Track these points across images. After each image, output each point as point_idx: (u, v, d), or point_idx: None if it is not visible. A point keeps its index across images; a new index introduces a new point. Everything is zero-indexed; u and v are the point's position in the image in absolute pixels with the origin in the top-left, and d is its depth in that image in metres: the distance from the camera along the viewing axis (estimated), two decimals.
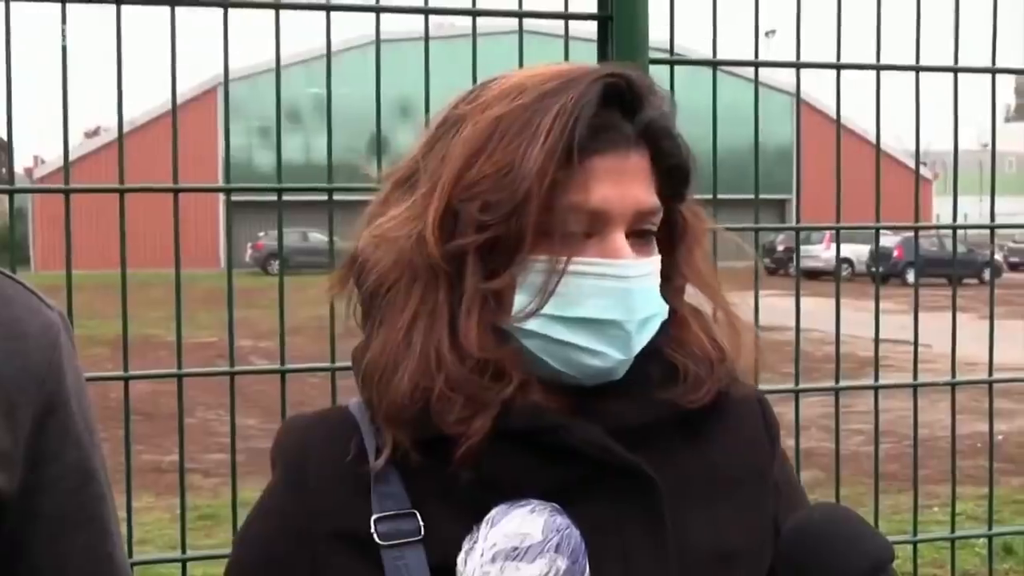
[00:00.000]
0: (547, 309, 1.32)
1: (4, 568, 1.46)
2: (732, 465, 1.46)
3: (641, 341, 1.36)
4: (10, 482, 1.43)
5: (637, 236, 1.36)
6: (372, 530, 1.33)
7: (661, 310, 1.39)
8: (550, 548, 1.28)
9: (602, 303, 1.33)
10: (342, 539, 1.36)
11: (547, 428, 1.34)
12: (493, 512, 1.30)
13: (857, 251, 32.05)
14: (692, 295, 1.49)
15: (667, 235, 1.42)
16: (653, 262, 1.38)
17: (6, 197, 2.72)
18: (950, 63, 3.09)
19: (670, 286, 1.43)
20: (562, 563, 1.28)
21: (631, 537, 1.37)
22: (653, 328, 1.38)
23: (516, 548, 1.27)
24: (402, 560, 1.32)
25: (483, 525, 1.29)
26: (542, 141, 1.29)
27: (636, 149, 1.35)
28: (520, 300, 1.33)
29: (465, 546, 1.29)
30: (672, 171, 1.39)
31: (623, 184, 1.34)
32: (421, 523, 1.34)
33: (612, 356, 1.34)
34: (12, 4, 2.42)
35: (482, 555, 1.27)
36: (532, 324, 1.33)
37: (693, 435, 1.43)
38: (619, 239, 1.33)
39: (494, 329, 1.34)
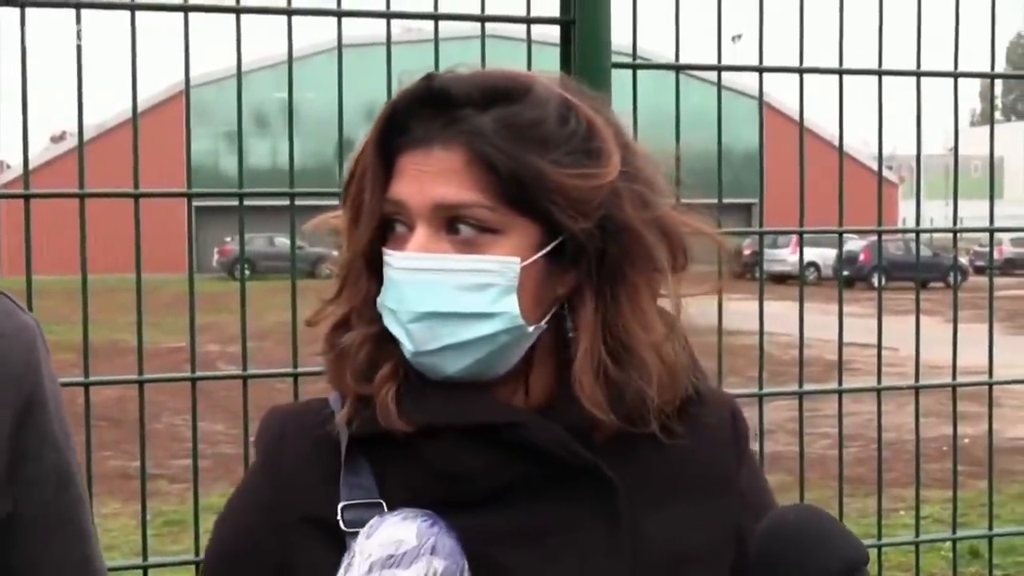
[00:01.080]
0: (381, 297, 1.40)
1: None
2: (694, 469, 1.48)
3: (427, 338, 1.37)
4: None
5: (463, 233, 1.36)
6: (339, 517, 1.37)
7: (462, 307, 1.37)
8: (426, 551, 1.30)
9: (387, 293, 1.38)
10: (311, 525, 1.40)
11: (507, 424, 1.38)
12: (367, 526, 1.33)
13: (824, 255, 32.21)
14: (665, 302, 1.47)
15: (577, 257, 1.39)
16: (458, 259, 1.36)
17: None
18: (914, 67, 3.11)
19: (593, 311, 1.40)
20: (439, 564, 1.30)
21: (588, 536, 1.39)
22: (452, 328, 1.37)
23: (392, 555, 1.29)
24: None
25: (359, 538, 1.32)
26: (370, 140, 1.40)
27: (443, 147, 1.37)
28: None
29: (344, 561, 1.32)
30: (493, 171, 1.36)
31: (421, 180, 1.37)
32: (387, 512, 1.36)
33: (407, 347, 1.37)
34: None
35: (358, 568, 1.29)
36: (383, 314, 1.40)
37: (652, 438, 1.44)
38: (417, 233, 1.37)
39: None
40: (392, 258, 1.37)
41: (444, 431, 1.38)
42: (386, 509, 1.37)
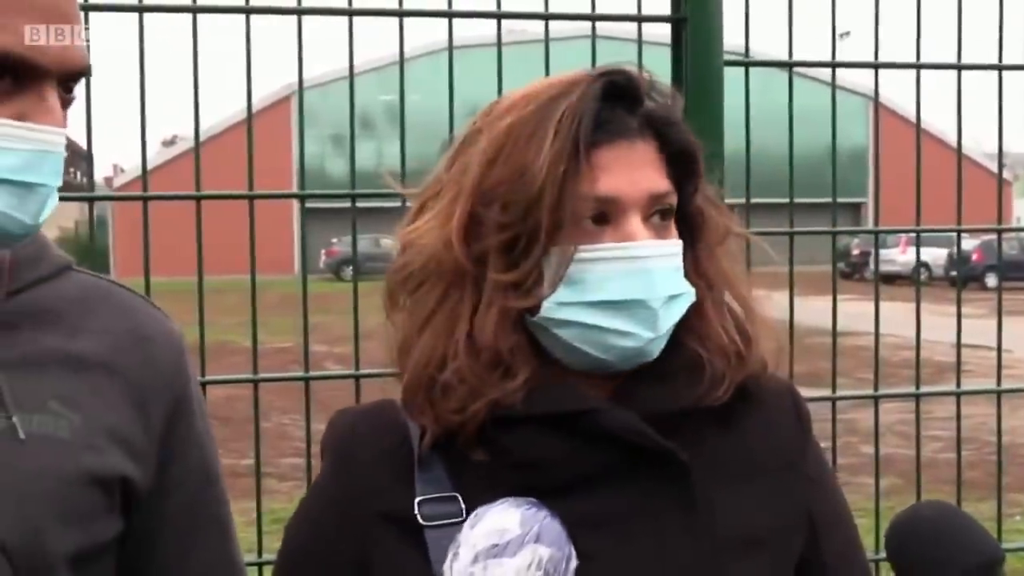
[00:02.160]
0: (573, 296, 1.38)
1: (134, 564, 1.51)
2: (762, 453, 1.50)
3: (670, 319, 1.41)
4: (145, 477, 1.49)
5: (655, 220, 1.42)
6: (416, 512, 1.39)
7: (687, 290, 1.43)
8: (530, 539, 1.30)
9: (624, 285, 1.38)
10: (388, 521, 1.42)
11: (584, 412, 1.40)
12: (473, 515, 1.33)
13: (934, 255, 31.60)
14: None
15: (687, 229, 1.48)
16: (672, 244, 1.43)
17: (87, 205, 2.76)
18: None
19: (692, 279, 1.46)
20: (544, 551, 1.30)
21: (665, 520, 1.40)
22: (681, 307, 1.43)
23: (496, 545, 1.29)
24: (446, 540, 1.36)
25: (464, 528, 1.32)
26: (551, 141, 1.36)
27: (641, 138, 1.41)
28: (544, 288, 1.39)
29: (450, 553, 1.32)
30: (679, 156, 1.44)
31: (632, 171, 1.40)
32: (463, 506, 1.39)
33: (641, 335, 1.39)
34: (91, 14, 2.45)
35: (464, 558, 1.29)
36: (563, 313, 1.39)
37: (723, 423, 1.47)
38: (633, 223, 1.39)
39: (512, 324, 1.40)
40: (626, 250, 1.38)
41: (523, 421, 1.39)
42: (462, 501, 1.39)
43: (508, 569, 1.28)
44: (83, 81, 1.59)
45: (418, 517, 1.39)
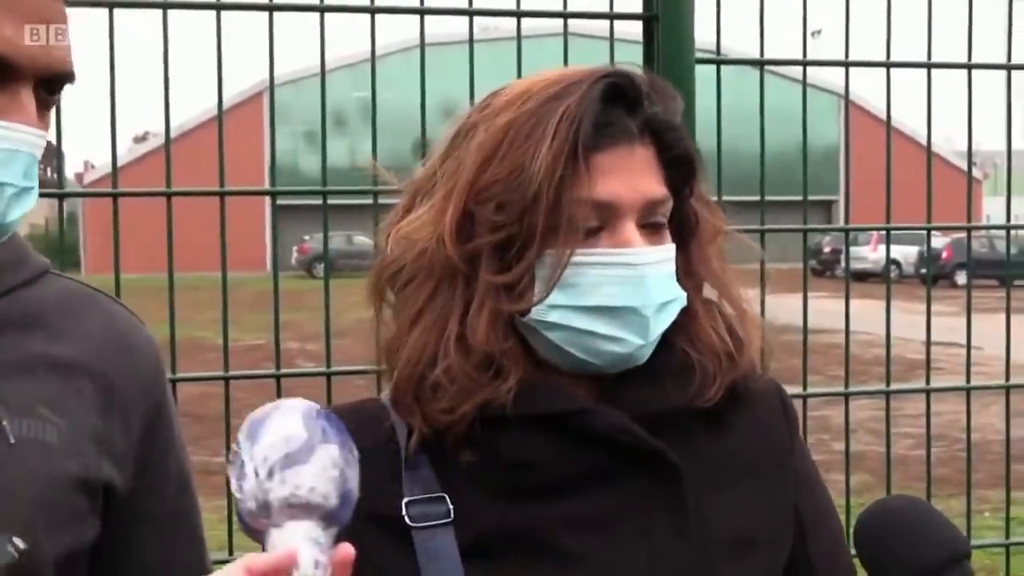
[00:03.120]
0: (565, 300, 1.37)
1: (111, 562, 1.51)
2: (751, 452, 1.50)
3: (660, 325, 1.40)
4: (124, 481, 1.49)
5: (649, 226, 1.40)
6: (403, 513, 1.38)
7: (679, 295, 1.43)
8: (318, 440, 1.25)
9: (617, 291, 1.37)
10: (374, 522, 1.39)
11: (573, 412, 1.39)
12: (243, 431, 1.27)
13: (905, 252, 31.76)
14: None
15: (680, 230, 1.46)
16: (666, 250, 1.42)
17: (56, 202, 2.74)
18: (1001, 60, 3.05)
19: (684, 281, 1.46)
20: (334, 449, 1.26)
21: (655, 520, 1.40)
22: (672, 313, 1.42)
23: (288, 454, 1.23)
24: (431, 541, 1.37)
25: (241, 442, 1.25)
26: (549, 142, 1.34)
27: (641, 143, 1.40)
28: (537, 291, 1.37)
29: (232, 473, 1.25)
30: (677, 162, 1.43)
31: (630, 177, 1.38)
32: (451, 506, 1.38)
33: (631, 341, 1.38)
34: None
35: (257, 475, 1.22)
36: (554, 316, 1.37)
37: (712, 423, 1.46)
38: (629, 229, 1.38)
39: (504, 326, 1.38)
40: (622, 256, 1.37)
41: (513, 422, 1.38)
42: (449, 502, 1.38)
43: (306, 476, 1.22)
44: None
45: (405, 518, 1.38)
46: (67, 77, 1.40)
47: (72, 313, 1.51)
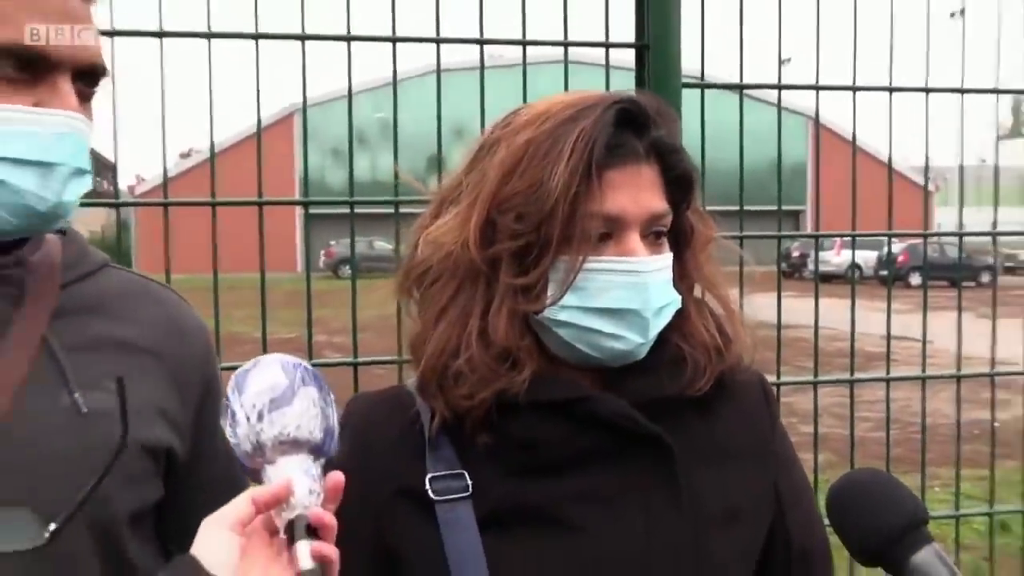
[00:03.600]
0: (575, 301, 1.37)
1: (173, 522, 1.52)
2: (737, 437, 1.50)
3: (658, 326, 1.41)
4: (183, 447, 1.51)
5: (650, 237, 1.41)
6: (427, 487, 1.38)
7: (675, 299, 1.43)
8: (297, 382, 1.26)
9: (622, 295, 1.37)
10: (401, 496, 1.41)
11: (580, 399, 1.40)
12: (231, 385, 1.28)
13: (865, 257, 31.73)
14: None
15: (677, 239, 1.47)
16: (665, 258, 1.42)
17: (113, 210, 2.75)
18: (954, 85, 3.04)
19: (679, 284, 1.46)
20: (313, 391, 1.27)
21: (651, 495, 1.40)
22: (668, 314, 1.42)
23: (273, 399, 1.24)
24: (452, 513, 1.37)
25: (230, 396, 1.27)
26: (566, 161, 1.33)
27: (647, 163, 1.40)
28: (550, 293, 1.38)
29: (227, 423, 1.27)
30: (678, 180, 1.43)
31: (636, 193, 1.38)
32: (469, 482, 1.38)
33: (632, 340, 1.39)
34: (116, 38, 2.43)
35: (248, 420, 1.24)
36: (564, 315, 1.38)
37: (703, 410, 1.47)
38: (634, 240, 1.38)
39: (520, 323, 1.39)
40: (628, 264, 1.37)
41: (525, 408, 1.38)
42: (468, 478, 1.38)
43: (291, 416, 1.24)
44: (110, 100, 1.59)
45: (429, 492, 1.38)
46: (99, 69, 1.39)
47: (130, 300, 1.53)
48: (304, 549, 1.18)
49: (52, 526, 1.27)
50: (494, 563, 1.35)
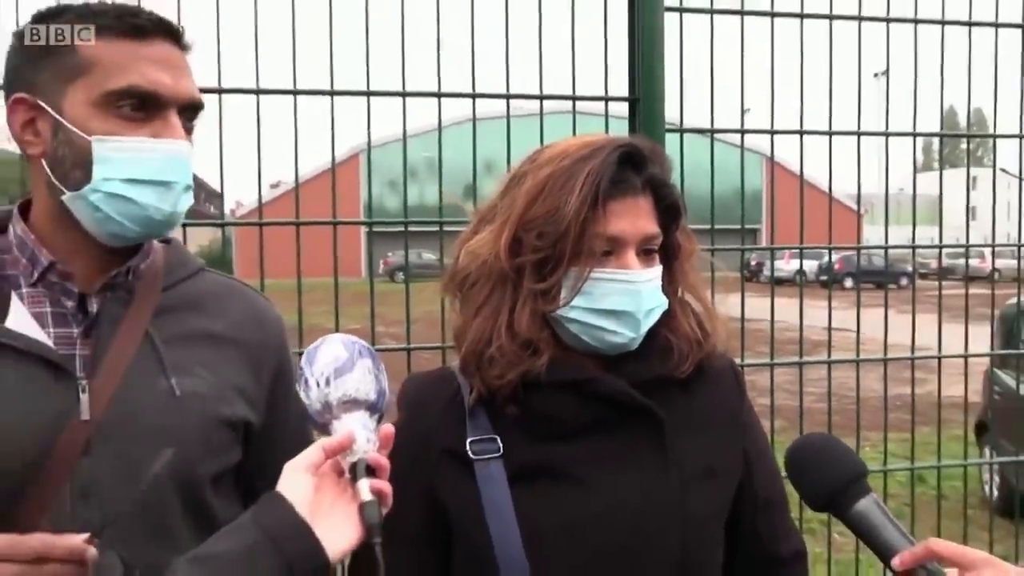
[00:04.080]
0: (582, 303, 1.37)
1: (251, 483, 1.51)
2: (712, 410, 1.49)
3: (648, 323, 1.40)
4: (259, 419, 1.50)
5: (644, 253, 1.40)
6: (467, 449, 1.38)
7: (662, 302, 1.42)
8: (356, 355, 1.26)
9: (619, 299, 1.37)
10: (448, 455, 1.41)
11: (588, 379, 1.39)
12: (303, 358, 1.28)
13: (809, 265, 31.60)
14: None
15: (666, 253, 1.46)
16: (655, 271, 1.41)
17: (219, 229, 2.76)
18: (880, 128, 3.02)
19: (668, 289, 1.45)
20: (368, 362, 1.27)
21: (644, 458, 1.40)
22: (657, 314, 1.42)
23: (337, 368, 1.24)
24: (486, 470, 1.37)
25: (303, 367, 1.26)
26: (578, 192, 1.34)
27: (643, 194, 1.39)
28: (563, 296, 1.37)
29: (301, 389, 1.26)
30: (668, 208, 1.43)
31: (634, 219, 1.38)
32: (500, 445, 1.38)
33: (626, 335, 1.38)
34: (223, 94, 2.44)
35: (318, 385, 1.24)
36: (573, 314, 1.37)
37: (685, 389, 1.46)
38: (630, 256, 1.38)
39: (540, 319, 1.39)
40: (625, 275, 1.37)
41: (544, 386, 1.38)
42: (499, 442, 1.38)
43: (351, 380, 1.24)
44: (217, 140, 1.58)
45: (469, 453, 1.38)
46: (198, 105, 1.39)
47: (220, 298, 1.51)
48: (364, 485, 1.18)
49: (169, 451, 1.26)
50: (520, 510, 1.35)
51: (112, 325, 1.37)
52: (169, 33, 1.35)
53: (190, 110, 1.38)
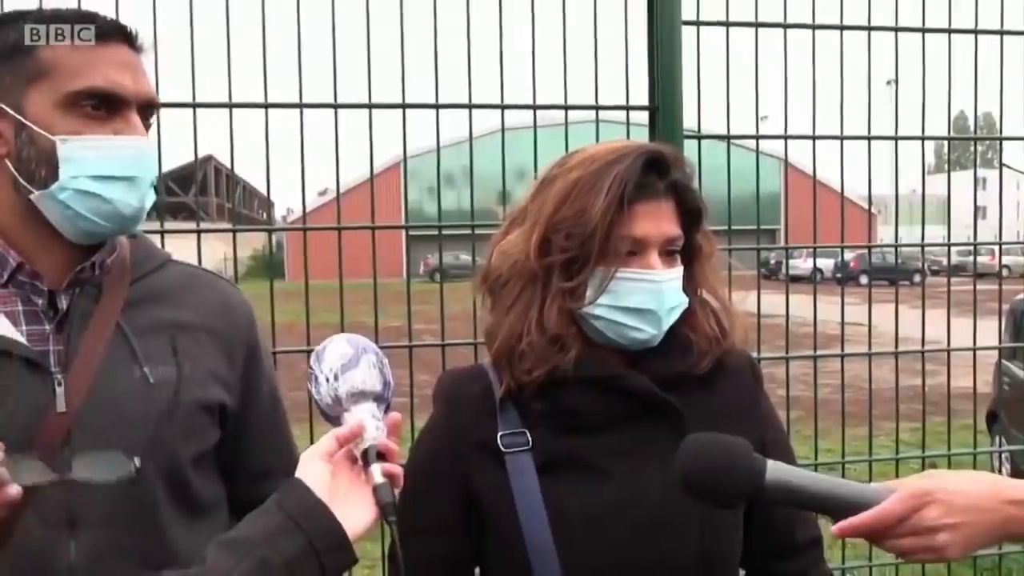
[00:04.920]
0: (607, 301, 1.35)
1: (229, 459, 1.49)
2: (731, 403, 1.47)
3: (669, 322, 1.39)
4: (234, 402, 1.47)
5: (666, 254, 1.38)
6: (499, 442, 1.37)
7: (683, 301, 1.40)
8: (360, 351, 1.25)
9: (643, 298, 1.35)
10: (480, 447, 1.39)
11: (613, 376, 1.38)
12: (313, 357, 1.27)
13: (825, 263, 31.21)
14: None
15: (688, 254, 1.44)
16: (677, 271, 1.39)
17: (269, 234, 2.78)
18: (890, 133, 2.97)
19: (688, 288, 1.43)
20: (373, 356, 1.26)
21: (665, 450, 1.37)
22: (677, 313, 1.40)
23: (343, 364, 1.24)
24: (517, 462, 1.36)
25: (313, 365, 1.26)
26: (604, 195, 1.33)
27: (666, 199, 1.37)
28: (589, 295, 1.36)
29: (312, 385, 1.26)
30: (689, 212, 1.41)
31: (657, 222, 1.36)
32: (530, 438, 1.37)
33: (648, 331, 1.37)
34: (269, 110, 2.46)
35: (328, 381, 1.23)
36: (599, 311, 1.36)
37: (704, 384, 1.44)
38: (653, 257, 1.36)
39: (567, 316, 1.37)
40: (648, 275, 1.35)
41: (571, 382, 1.37)
42: (529, 435, 1.36)
43: (358, 374, 1.23)
44: (264, 151, 1.56)
45: (500, 446, 1.37)
46: (154, 104, 1.37)
47: (189, 288, 1.48)
48: (376, 469, 1.19)
49: (137, 460, 1.24)
50: (549, 500, 1.34)
51: (83, 320, 1.34)
52: (125, 37, 1.34)
53: (148, 108, 1.36)
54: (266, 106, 2.41)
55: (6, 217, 1.33)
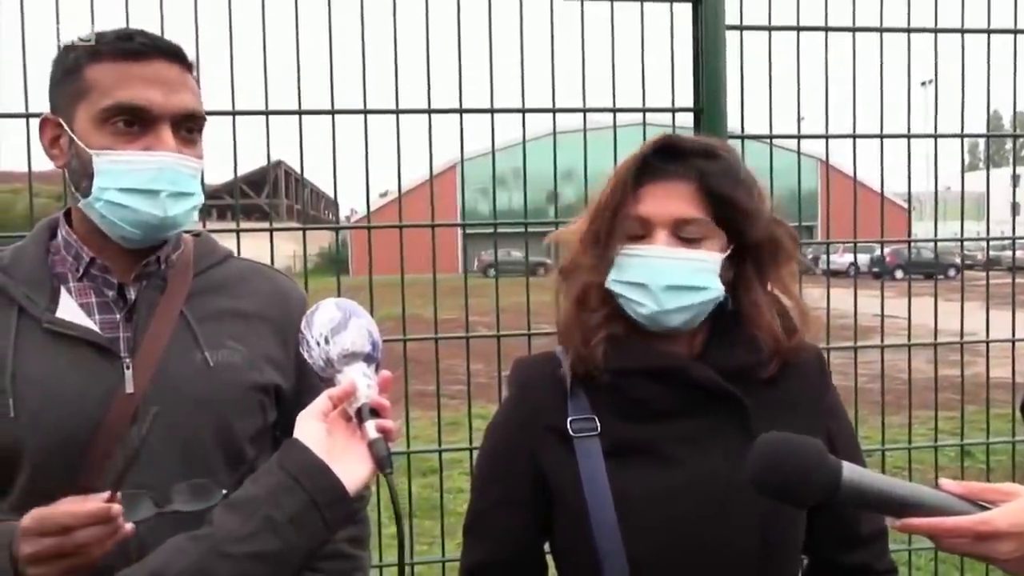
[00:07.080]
0: (616, 276, 1.35)
1: (287, 435, 1.50)
2: (797, 396, 1.41)
3: (672, 301, 1.32)
4: (288, 383, 1.49)
5: (680, 237, 1.33)
6: (568, 427, 1.36)
7: (697, 284, 1.33)
8: (349, 315, 1.22)
9: (636, 272, 1.33)
10: (551, 431, 1.38)
11: (679, 367, 1.35)
12: (303, 323, 1.23)
13: (861, 258, 30.56)
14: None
15: (757, 251, 1.37)
16: (694, 253, 1.33)
17: (335, 233, 2.81)
18: (929, 131, 2.89)
19: (755, 283, 1.38)
20: (362, 320, 1.22)
21: (729, 441, 1.34)
22: (686, 295, 1.33)
23: (333, 328, 1.20)
24: (585, 446, 1.34)
25: (304, 330, 1.22)
26: (615, 180, 1.35)
27: (683, 181, 1.32)
28: (604, 271, 1.37)
29: (304, 349, 1.23)
30: (717, 198, 1.33)
31: (664, 201, 1.32)
32: (598, 423, 1.35)
33: (648, 306, 1.33)
34: (337, 116, 2.48)
35: (319, 344, 1.20)
36: (613, 287, 1.35)
37: (770, 377, 1.39)
38: (660, 236, 1.32)
39: (603, 292, 1.37)
40: (642, 250, 1.33)
41: (636, 372, 1.35)
42: (597, 421, 1.35)
43: (347, 337, 1.20)
44: (331, 163, 1.54)
45: (569, 430, 1.36)
46: (196, 117, 1.37)
47: (247, 280, 1.51)
48: (371, 426, 1.16)
49: (224, 491, 1.25)
50: (615, 485, 1.32)
51: (149, 309, 1.39)
52: (164, 53, 1.34)
53: (189, 121, 1.36)
54: (332, 112, 2.43)
55: (76, 221, 1.41)
